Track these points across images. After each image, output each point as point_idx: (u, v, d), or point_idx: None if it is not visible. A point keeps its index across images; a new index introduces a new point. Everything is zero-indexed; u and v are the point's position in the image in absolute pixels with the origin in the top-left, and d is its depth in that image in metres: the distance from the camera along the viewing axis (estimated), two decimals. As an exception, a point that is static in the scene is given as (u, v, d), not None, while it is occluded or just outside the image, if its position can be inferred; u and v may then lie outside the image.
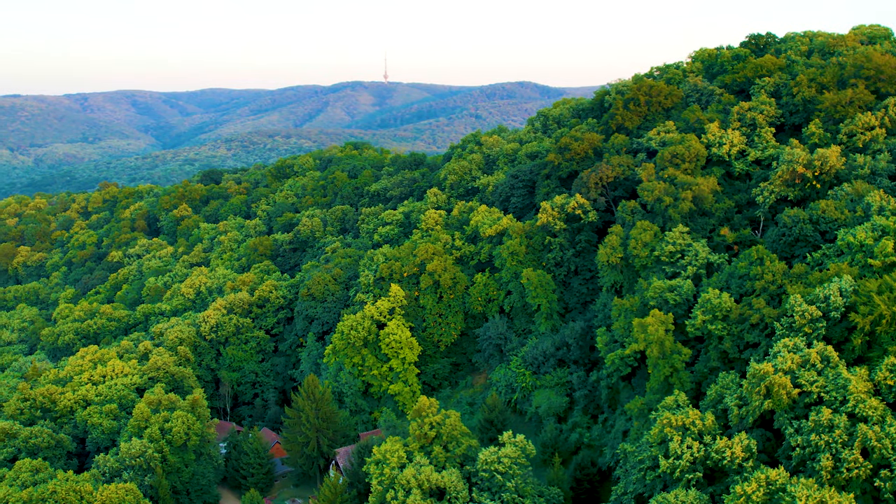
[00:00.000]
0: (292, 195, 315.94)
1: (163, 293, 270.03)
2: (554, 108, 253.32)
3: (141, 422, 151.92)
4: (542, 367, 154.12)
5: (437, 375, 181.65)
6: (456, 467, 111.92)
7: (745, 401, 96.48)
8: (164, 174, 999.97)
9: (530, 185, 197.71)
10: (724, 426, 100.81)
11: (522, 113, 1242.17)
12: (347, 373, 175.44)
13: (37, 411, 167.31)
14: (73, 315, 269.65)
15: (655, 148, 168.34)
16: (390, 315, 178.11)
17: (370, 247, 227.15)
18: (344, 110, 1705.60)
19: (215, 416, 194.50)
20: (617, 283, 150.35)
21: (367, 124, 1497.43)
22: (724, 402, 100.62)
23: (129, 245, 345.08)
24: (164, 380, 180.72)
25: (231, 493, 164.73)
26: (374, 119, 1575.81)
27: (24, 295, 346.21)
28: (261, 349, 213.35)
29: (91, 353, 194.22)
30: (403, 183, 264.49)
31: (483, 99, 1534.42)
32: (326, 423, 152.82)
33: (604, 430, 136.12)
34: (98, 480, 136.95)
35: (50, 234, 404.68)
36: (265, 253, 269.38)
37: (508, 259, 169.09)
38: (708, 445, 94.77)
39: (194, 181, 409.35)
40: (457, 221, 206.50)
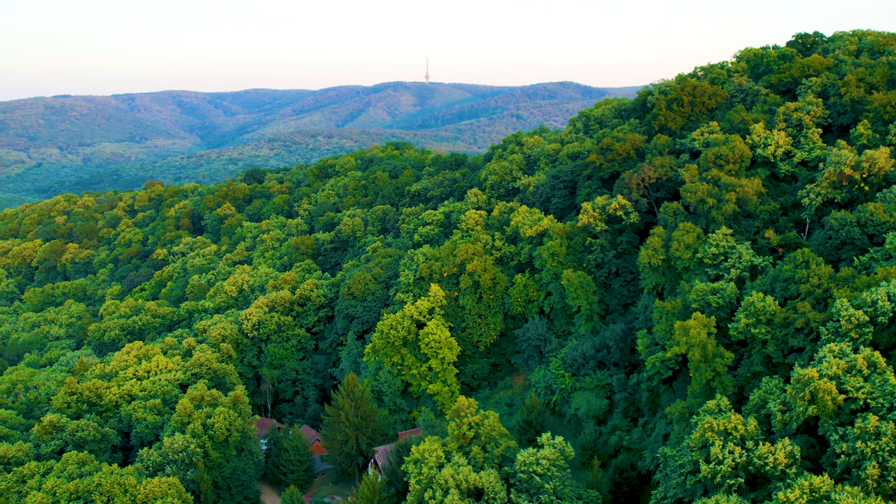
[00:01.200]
0: (334, 195, 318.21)
1: (206, 291, 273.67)
2: (596, 108, 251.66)
3: (184, 417, 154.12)
4: (582, 368, 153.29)
5: (476, 376, 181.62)
6: (494, 468, 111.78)
7: (789, 406, 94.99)
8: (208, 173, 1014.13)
9: (571, 185, 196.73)
10: (766, 432, 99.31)
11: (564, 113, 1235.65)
12: (387, 372, 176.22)
13: (83, 405, 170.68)
14: (118, 311, 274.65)
15: (699, 149, 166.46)
16: (430, 315, 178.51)
17: (410, 246, 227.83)
18: (385, 110, 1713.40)
19: (256, 412, 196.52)
20: (658, 286, 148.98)
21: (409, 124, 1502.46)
22: (768, 408, 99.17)
23: (173, 243, 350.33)
24: (207, 376, 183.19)
25: (271, 489, 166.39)
26: (415, 119, 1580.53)
27: (71, 291, 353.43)
28: (302, 347, 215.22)
29: (136, 348, 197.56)
30: (444, 183, 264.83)
31: (524, 99, 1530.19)
32: (365, 421, 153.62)
33: (644, 434, 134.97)
34: (141, 474, 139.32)
35: (97, 232, 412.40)
36: (307, 252, 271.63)
37: (549, 260, 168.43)
38: (750, 451, 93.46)
39: (238, 180, 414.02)
40: (497, 222, 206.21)
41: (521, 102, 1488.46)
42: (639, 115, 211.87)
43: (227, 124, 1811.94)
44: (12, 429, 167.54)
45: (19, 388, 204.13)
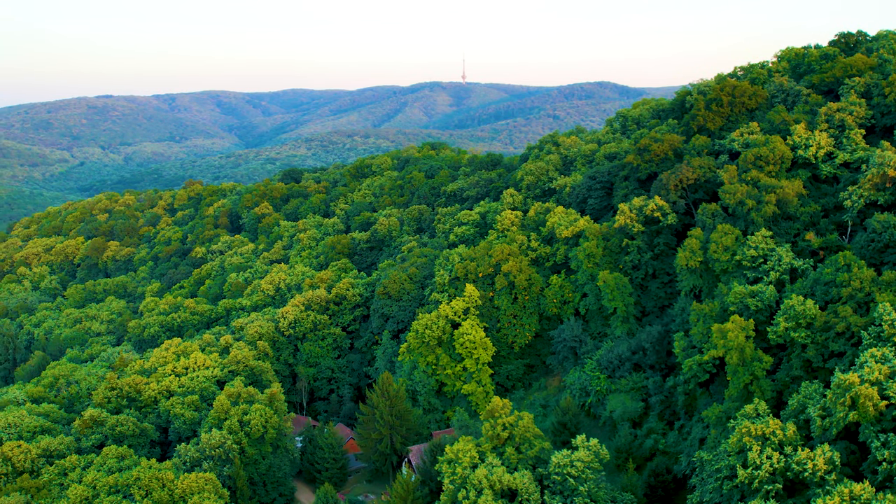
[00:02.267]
0: (370, 194, 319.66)
1: (243, 289, 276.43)
2: (633, 108, 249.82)
3: (221, 413, 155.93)
4: (618, 370, 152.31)
5: (511, 376, 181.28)
6: (528, 469, 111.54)
7: (829, 412, 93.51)
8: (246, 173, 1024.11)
9: (608, 186, 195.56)
10: (805, 437, 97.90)
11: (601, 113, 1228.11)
12: (421, 371, 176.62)
13: (123, 400, 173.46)
14: (158, 308, 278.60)
15: (738, 150, 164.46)
16: (465, 315, 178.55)
17: (446, 247, 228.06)
18: (422, 110, 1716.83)
19: (292, 410, 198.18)
20: (696, 288, 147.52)
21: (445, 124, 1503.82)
22: (807, 413, 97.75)
23: (212, 241, 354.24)
24: (244, 373, 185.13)
25: (306, 486, 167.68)
26: (451, 119, 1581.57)
27: (112, 288, 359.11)
28: (337, 346, 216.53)
29: (175, 345, 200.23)
30: (480, 183, 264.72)
31: (561, 99, 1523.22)
32: (400, 420, 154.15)
33: (680, 437, 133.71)
34: (179, 469, 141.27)
35: (138, 230, 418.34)
36: (343, 251, 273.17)
37: (585, 261, 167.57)
38: (789, 456, 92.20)
39: (275, 180, 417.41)
40: (533, 222, 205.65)
41: (558, 102, 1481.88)
42: (677, 116, 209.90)
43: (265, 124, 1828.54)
44: (54, 422, 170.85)
45: (61, 382, 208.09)
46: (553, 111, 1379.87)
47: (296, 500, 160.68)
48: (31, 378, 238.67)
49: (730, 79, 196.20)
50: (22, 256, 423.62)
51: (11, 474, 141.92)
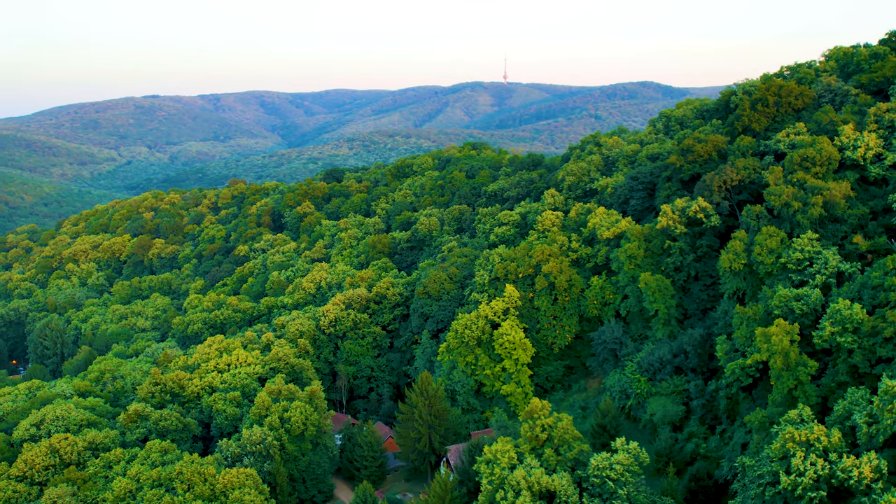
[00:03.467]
0: (411, 194, 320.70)
1: (285, 287, 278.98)
2: (677, 108, 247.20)
3: (262, 410, 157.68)
4: (658, 373, 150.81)
5: (550, 378, 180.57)
6: (567, 471, 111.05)
7: (876, 418, 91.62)
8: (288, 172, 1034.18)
9: (650, 187, 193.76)
10: (851, 444, 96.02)
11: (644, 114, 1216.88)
12: (460, 371, 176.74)
13: (166, 395, 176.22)
14: (201, 305, 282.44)
15: (784, 150, 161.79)
16: (504, 315, 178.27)
17: (486, 247, 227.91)
18: (463, 111, 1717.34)
19: (332, 407, 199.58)
20: (739, 291, 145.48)
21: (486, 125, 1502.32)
22: (853, 419, 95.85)
23: (254, 240, 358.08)
24: (285, 371, 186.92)
25: (345, 483, 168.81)
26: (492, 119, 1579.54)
27: (157, 285, 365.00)
28: (377, 344, 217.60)
29: (217, 342, 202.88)
30: (521, 183, 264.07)
31: (603, 99, 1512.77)
32: (439, 420, 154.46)
33: (721, 442, 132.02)
34: (221, 464, 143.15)
35: (182, 228, 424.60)
36: (383, 250, 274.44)
37: (626, 262, 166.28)
38: (833, 464, 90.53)
39: (317, 179, 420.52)
40: (574, 223, 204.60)
41: (600, 103, 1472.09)
42: (721, 116, 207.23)
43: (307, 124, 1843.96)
44: (100, 416, 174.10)
45: (107, 377, 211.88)
46: (595, 111, 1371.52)
47: (335, 497, 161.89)
48: (78, 372, 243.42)
49: (776, 78, 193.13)
50: (70, 253, 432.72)
51: (59, 466, 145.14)
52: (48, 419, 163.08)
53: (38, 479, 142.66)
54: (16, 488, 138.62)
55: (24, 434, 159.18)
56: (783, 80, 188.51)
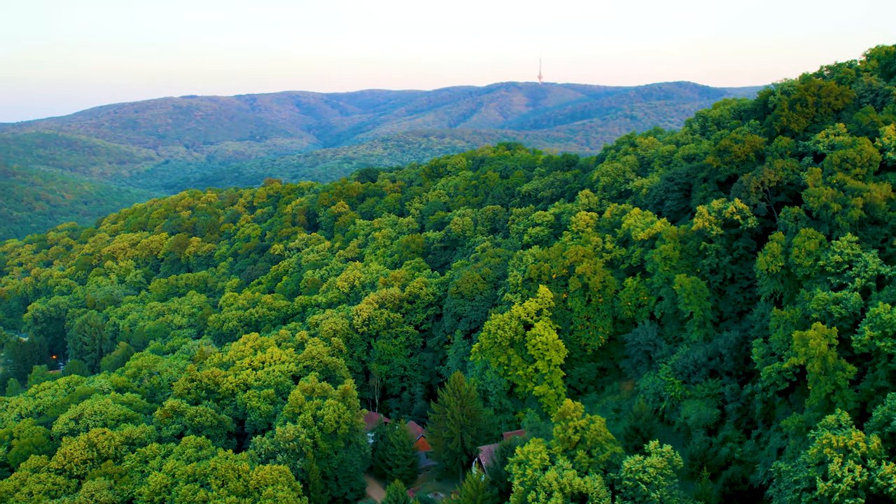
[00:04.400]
0: (444, 194, 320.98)
1: (319, 286, 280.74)
2: (714, 108, 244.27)
3: (295, 408, 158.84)
4: (693, 376, 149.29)
5: (583, 379, 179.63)
6: (599, 473, 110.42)
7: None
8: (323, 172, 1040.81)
9: (686, 188, 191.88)
10: (890, 451, 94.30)
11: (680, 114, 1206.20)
12: (493, 372, 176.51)
13: (202, 392, 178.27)
14: (237, 303, 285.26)
15: (823, 151, 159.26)
16: (538, 316, 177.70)
17: (519, 247, 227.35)
18: (497, 111, 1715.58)
19: (364, 406, 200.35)
20: (776, 293, 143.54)
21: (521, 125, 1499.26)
22: (892, 426, 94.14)
23: (289, 239, 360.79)
24: (318, 369, 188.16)
25: (377, 482, 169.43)
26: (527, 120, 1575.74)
27: (193, 283, 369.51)
28: (410, 344, 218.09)
29: (252, 339, 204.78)
30: (555, 184, 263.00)
31: (639, 99, 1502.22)
32: (471, 420, 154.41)
33: (757, 447, 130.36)
34: (254, 461, 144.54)
35: (219, 227, 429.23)
36: (417, 250, 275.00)
37: (661, 264, 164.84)
38: (872, 470, 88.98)
39: (352, 179, 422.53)
40: (608, 224, 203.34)
41: (636, 103, 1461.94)
42: (759, 117, 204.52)
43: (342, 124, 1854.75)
44: (137, 411, 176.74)
45: (144, 373, 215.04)
46: (630, 111, 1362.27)
47: (367, 495, 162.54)
48: (116, 368, 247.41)
49: (815, 78, 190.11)
50: (109, 251, 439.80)
51: (96, 460, 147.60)
52: (86, 414, 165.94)
53: (77, 473, 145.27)
54: (55, 481, 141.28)
55: (64, 428, 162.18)
56: (823, 80, 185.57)
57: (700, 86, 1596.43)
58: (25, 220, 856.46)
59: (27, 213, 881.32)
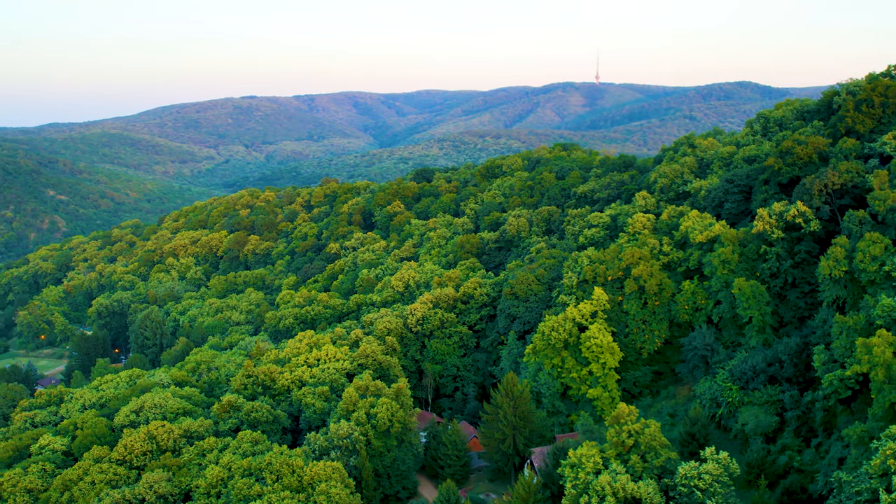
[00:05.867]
0: (500, 195, 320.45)
1: (374, 285, 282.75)
2: (776, 109, 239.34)
3: (349, 405, 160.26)
4: (751, 382, 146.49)
5: (638, 383, 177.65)
6: (653, 479, 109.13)
7: None
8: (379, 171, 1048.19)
9: (746, 190, 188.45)
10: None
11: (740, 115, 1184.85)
12: (546, 373, 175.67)
13: (258, 388, 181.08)
14: (293, 301, 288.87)
15: (890, 154, 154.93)
16: (592, 318, 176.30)
17: (575, 249, 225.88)
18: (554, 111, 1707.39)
19: (417, 405, 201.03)
20: (839, 299, 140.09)
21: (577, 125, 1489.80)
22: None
23: (345, 238, 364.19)
24: (372, 367, 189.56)
25: (429, 481, 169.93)
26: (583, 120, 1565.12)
27: (251, 280, 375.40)
28: (463, 344, 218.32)
29: (308, 337, 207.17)
30: (611, 185, 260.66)
31: (698, 100, 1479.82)
32: (523, 421, 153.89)
33: (817, 455, 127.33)
34: (308, 457, 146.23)
35: (276, 225, 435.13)
36: (471, 251, 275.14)
37: (719, 267, 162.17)
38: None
39: (407, 179, 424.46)
40: (665, 226, 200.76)
41: (695, 103, 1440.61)
42: (823, 117, 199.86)
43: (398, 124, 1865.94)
44: (195, 405, 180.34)
45: (202, 368, 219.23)
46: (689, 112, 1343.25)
47: (418, 494, 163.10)
48: (176, 363, 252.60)
49: (882, 78, 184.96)
50: (171, 248, 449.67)
51: (156, 452, 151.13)
52: (147, 406, 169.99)
53: (137, 464, 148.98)
54: (116, 471, 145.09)
55: (125, 420, 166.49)
56: (890, 80, 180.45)
57: (761, 86, 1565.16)
58: (91, 217, 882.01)
59: (93, 210, 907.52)
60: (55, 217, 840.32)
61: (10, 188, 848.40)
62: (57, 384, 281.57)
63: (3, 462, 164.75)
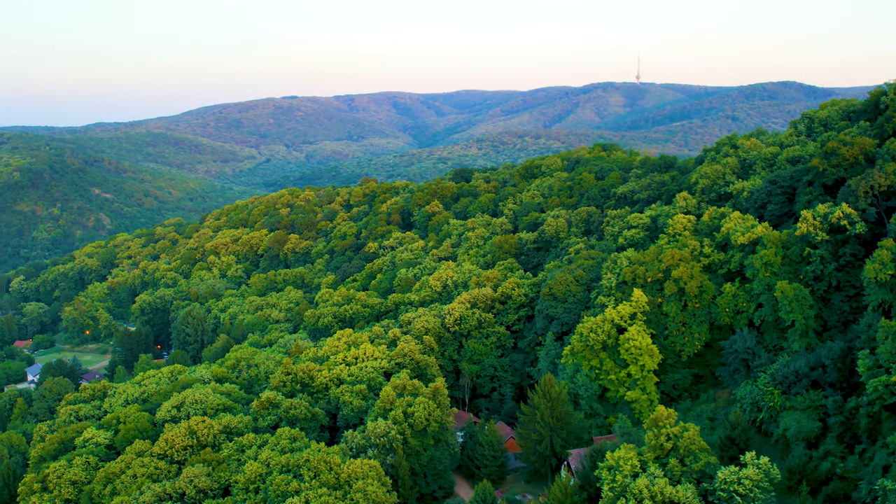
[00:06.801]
0: (538, 195, 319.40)
1: (412, 284, 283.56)
2: (821, 109, 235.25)
3: (386, 404, 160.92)
4: (794, 387, 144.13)
5: (677, 386, 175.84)
6: (692, 483, 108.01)
7: None
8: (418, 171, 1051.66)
9: (790, 191, 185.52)
10: None
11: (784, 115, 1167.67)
12: (584, 375, 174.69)
13: (297, 385, 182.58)
14: (332, 300, 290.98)
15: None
16: (631, 320, 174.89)
17: (614, 250, 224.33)
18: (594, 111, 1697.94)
19: (454, 405, 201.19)
20: (885, 303, 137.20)
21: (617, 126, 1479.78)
22: None
23: (384, 237, 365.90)
24: (410, 366, 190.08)
25: (465, 481, 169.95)
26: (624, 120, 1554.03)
27: (291, 278, 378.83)
28: (500, 344, 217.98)
29: (346, 335, 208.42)
30: (651, 186, 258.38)
31: (741, 100, 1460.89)
32: (560, 423, 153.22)
33: (861, 463, 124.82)
34: (346, 454, 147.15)
35: (316, 224, 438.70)
36: (510, 251, 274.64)
37: (761, 269, 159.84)
38: None
39: (446, 179, 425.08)
40: (706, 227, 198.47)
41: (738, 103, 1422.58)
42: (869, 118, 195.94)
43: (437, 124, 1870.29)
44: (235, 402, 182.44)
45: (242, 364, 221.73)
46: (732, 112, 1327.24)
47: (454, 493, 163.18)
48: (216, 359, 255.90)
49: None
50: (212, 246, 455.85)
51: (196, 447, 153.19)
52: (188, 402, 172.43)
53: (177, 458, 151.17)
54: (157, 465, 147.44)
55: (166, 415, 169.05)
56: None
57: (806, 85, 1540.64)
58: (135, 214, 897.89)
59: (137, 208, 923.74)
60: (100, 215, 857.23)
61: (58, 186, 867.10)
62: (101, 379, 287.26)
63: (49, 454, 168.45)
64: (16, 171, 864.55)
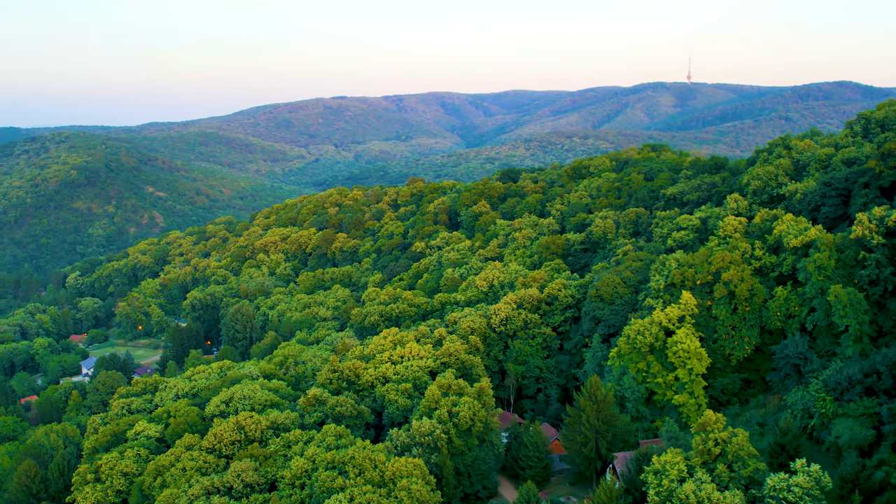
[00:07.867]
0: (586, 196, 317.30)
1: (458, 284, 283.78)
2: (877, 109, 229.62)
3: (431, 403, 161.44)
4: (846, 393, 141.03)
5: (726, 391, 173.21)
6: (740, 489, 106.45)
7: None
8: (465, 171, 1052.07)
9: (844, 193, 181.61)
10: None
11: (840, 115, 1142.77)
12: (631, 378, 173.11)
13: (343, 383, 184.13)
14: (378, 298, 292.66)
15: None
16: (680, 323, 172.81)
17: (663, 251, 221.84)
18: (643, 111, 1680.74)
19: (499, 405, 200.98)
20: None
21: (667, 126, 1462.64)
22: None
23: (431, 237, 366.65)
24: (455, 366, 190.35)
25: (509, 481, 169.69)
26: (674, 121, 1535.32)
27: (338, 277, 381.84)
28: (546, 345, 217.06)
29: (392, 334, 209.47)
30: (702, 187, 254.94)
31: (794, 100, 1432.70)
32: (606, 425, 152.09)
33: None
34: (390, 452, 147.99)
35: (363, 224, 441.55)
36: (556, 252, 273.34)
37: (814, 273, 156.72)
38: None
39: (493, 179, 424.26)
40: (758, 230, 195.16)
41: (791, 104, 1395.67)
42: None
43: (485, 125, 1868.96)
44: (282, 398, 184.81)
45: (290, 361, 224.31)
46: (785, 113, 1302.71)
47: (499, 494, 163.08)
48: (265, 356, 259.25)
49: None
50: (261, 244, 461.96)
51: (244, 441, 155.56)
52: (236, 398, 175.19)
53: (225, 453, 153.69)
54: (206, 459, 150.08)
55: (215, 410, 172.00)
56: None
57: (863, 85, 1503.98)
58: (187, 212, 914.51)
59: (189, 206, 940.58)
60: (153, 213, 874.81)
61: (113, 184, 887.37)
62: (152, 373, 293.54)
63: (102, 445, 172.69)
64: (73, 170, 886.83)
